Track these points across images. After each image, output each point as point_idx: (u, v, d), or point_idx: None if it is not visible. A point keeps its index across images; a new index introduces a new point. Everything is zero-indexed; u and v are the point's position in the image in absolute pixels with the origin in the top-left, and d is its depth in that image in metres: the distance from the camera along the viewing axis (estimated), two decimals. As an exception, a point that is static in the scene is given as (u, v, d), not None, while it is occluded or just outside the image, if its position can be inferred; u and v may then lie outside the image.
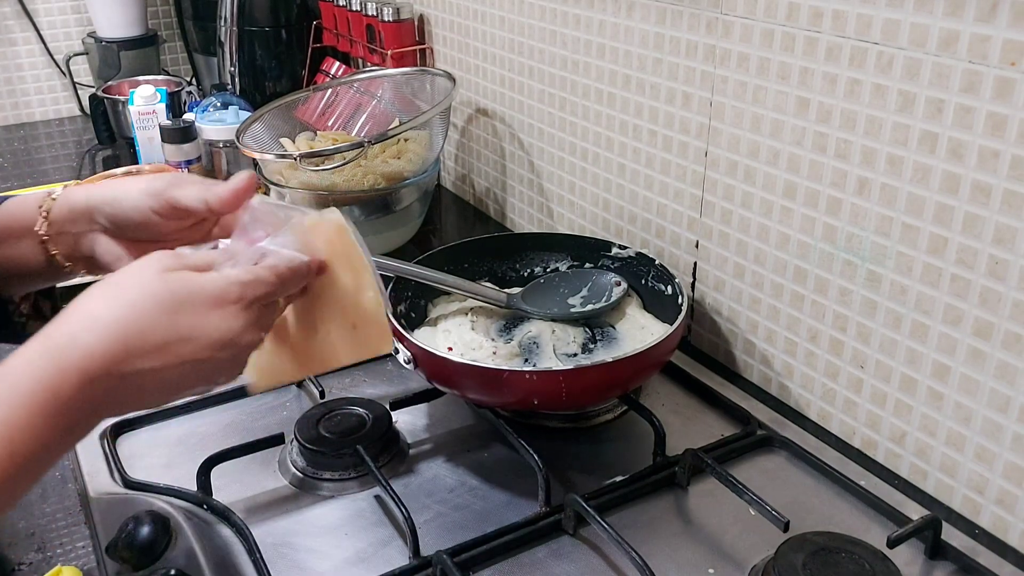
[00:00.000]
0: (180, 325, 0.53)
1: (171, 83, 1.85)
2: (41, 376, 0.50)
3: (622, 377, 0.85)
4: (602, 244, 1.06)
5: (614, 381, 0.85)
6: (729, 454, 0.86)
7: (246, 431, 0.89)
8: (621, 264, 1.04)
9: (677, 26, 0.97)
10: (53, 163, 1.82)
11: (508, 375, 0.82)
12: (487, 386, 0.84)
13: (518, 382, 0.81)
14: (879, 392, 0.84)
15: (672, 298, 0.96)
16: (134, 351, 0.52)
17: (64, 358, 0.51)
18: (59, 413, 0.50)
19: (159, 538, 0.72)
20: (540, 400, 0.83)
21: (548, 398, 0.83)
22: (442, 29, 1.49)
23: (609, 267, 1.05)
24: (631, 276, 1.03)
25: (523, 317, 0.99)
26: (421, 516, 0.79)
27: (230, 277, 0.56)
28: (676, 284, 0.96)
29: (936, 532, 0.74)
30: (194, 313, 0.54)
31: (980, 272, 0.72)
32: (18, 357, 0.51)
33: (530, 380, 0.81)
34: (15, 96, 2.06)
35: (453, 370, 0.84)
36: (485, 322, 0.98)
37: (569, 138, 1.21)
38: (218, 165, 1.59)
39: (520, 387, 0.81)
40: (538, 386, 0.81)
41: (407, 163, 1.28)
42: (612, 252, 1.05)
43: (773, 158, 0.89)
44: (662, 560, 0.73)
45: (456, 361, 0.84)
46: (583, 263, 1.07)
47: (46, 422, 0.49)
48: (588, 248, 1.07)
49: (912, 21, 0.72)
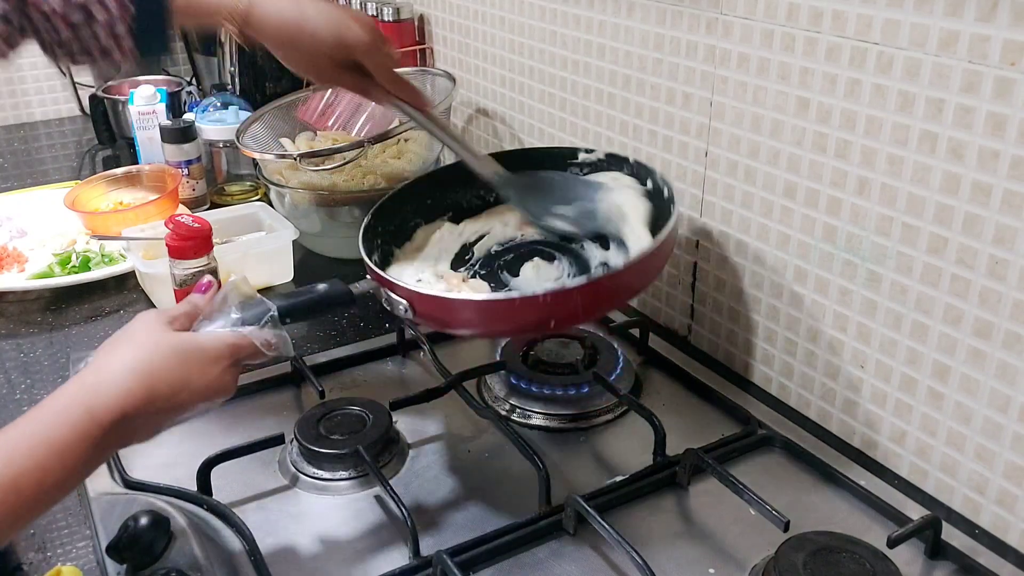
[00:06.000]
0: (186, 374, 0.65)
1: (171, 83, 1.85)
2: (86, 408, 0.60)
3: (640, 279, 0.84)
4: (567, 152, 1.02)
5: (632, 284, 0.84)
6: (729, 454, 0.86)
7: (246, 431, 0.89)
8: (591, 168, 1.01)
9: (677, 26, 0.97)
10: (53, 163, 1.82)
11: (520, 302, 0.79)
12: (498, 318, 0.81)
13: (531, 307, 0.78)
14: (879, 392, 0.84)
15: (656, 192, 0.93)
16: (156, 394, 0.63)
17: (107, 394, 0.61)
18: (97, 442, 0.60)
19: (159, 538, 0.72)
20: (557, 320, 0.81)
21: (564, 316, 0.81)
22: (442, 29, 1.49)
23: (578, 174, 1.01)
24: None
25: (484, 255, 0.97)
26: (421, 516, 0.79)
27: (225, 339, 0.68)
28: (657, 178, 0.94)
29: (936, 532, 0.74)
30: (197, 365, 0.66)
31: (980, 272, 0.72)
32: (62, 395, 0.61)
33: (544, 302, 0.78)
34: (15, 96, 2.06)
35: (459, 308, 0.82)
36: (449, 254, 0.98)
37: (569, 138, 1.21)
38: (218, 165, 1.59)
39: (535, 312, 0.79)
40: (553, 307, 0.78)
41: (407, 163, 1.29)
42: (579, 158, 1.01)
43: (773, 158, 0.89)
44: (662, 560, 0.73)
45: (462, 298, 0.83)
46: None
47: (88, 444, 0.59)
48: (552, 158, 1.02)
49: (912, 21, 0.72)
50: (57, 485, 0.58)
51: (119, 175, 1.48)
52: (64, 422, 0.59)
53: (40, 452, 0.57)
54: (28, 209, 1.43)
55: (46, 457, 0.57)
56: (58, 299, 1.20)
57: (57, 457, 0.58)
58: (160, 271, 1.10)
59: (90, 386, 0.61)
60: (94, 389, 0.61)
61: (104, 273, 1.23)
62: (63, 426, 0.59)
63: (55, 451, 0.58)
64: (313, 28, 0.88)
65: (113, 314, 1.17)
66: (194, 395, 0.65)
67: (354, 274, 0.86)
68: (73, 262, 1.26)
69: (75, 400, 0.60)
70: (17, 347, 1.10)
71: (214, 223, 1.05)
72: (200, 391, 0.66)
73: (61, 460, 0.58)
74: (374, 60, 0.90)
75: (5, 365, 1.06)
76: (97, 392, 0.61)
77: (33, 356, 1.08)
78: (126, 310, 1.18)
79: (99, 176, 1.47)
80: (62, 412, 0.59)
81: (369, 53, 0.90)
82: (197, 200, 1.48)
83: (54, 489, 0.58)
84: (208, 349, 0.67)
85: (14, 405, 0.98)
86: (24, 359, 1.07)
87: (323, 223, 1.28)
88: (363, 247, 0.90)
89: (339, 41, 0.88)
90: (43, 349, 1.09)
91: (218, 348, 0.67)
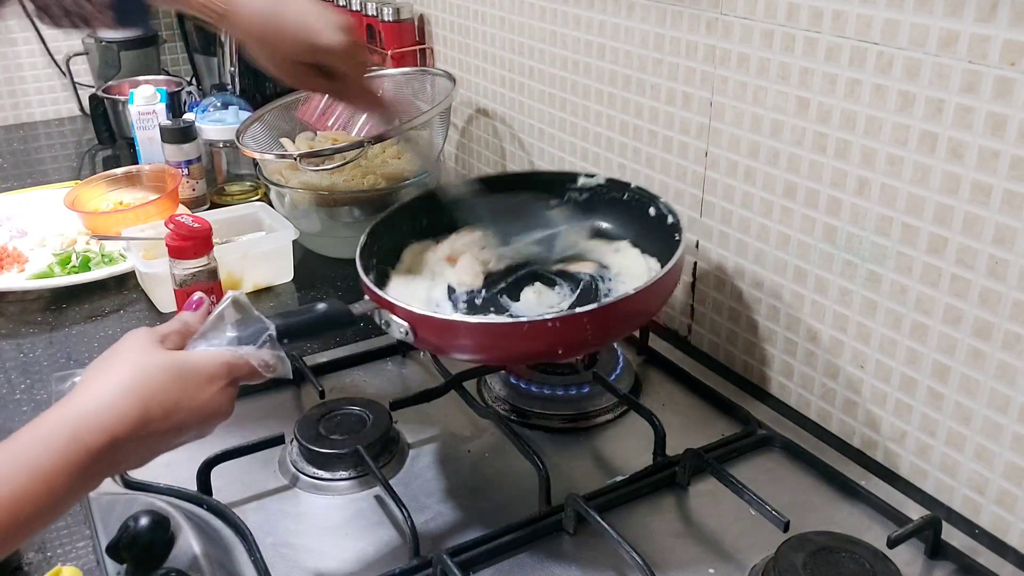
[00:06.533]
0: (181, 394, 0.61)
1: (171, 83, 1.85)
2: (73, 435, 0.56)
3: (646, 307, 0.83)
4: (567, 177, 1.01)
5: (640, 310, 0.83)
6: (729, 454, 0.85)
7: (246, 431, 0.89)
8: (591, 194, 1.00)
9: (677, 26, 0.97)
10: (53, 163, 1.82)
11: (528, 327, 0.77)
12: (504, 343, 0.79)
13: (540, 332, 0.77)
14: (879, 392, 0.84)
15: (658, 220, 0.93)
16: (149, 416, 0.59)
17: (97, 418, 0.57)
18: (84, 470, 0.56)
19: (159, 538, 0.72)
20: (566, 347, 0.79)
21: (572, 342, 0.79)
22: (442, 29, 1.49)
23: (577, 200, 1.01)
24: (606, 205, 0.99)
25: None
26: (421, 516, 0.79)
27: (220, 357, 0.65)
28: (661, 205, 0.94)
29: (936, 532, 0.74)
30: (192, 384, 0.62)
31: (980, 272, 0.72)
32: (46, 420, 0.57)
33: (553, 327, 0.77)
34: (15, 96, 2.06)
35: (462, 332, 0.80)
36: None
37: (569, 139, 1.21)
38: (218, 165, 1.59)
39: (543, 337, 0.77)
40: (562, 332, 0.77)
41: (407, 163, 1.29)
42: (579, 183, 1.01)
43: (773, 158, 0.89)
44: (662, 560, 0.73)
45: (466, 322, 0.81)
46: (549, 199, 1.01)
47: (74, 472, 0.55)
48: (551, 183, 1.02)
49: (912, 21, 0.72)
50: (39, 514, 0.54)
51: (119, 175, 1.48)
52: (49, 449, 0.55)
53: (22, 479, 0.53)
54: (28, 209, 1.43)
55: (29, 484, 0.53)
56: (58, 299, 1.20)
57: (42, 485, 0.54)
58: (160, 271, 1.10)
59: (77, 410, 0.58)
60: (82, 413, 0.57)
61: (104, 273, 1.23)
62: (48, 453, 0.55)
63: (39, 479, 0.54)
64: (287, 27, 0.86)
65: (113, 314, 1.17)
66: (189, 417, 0.62)
67: (354, 274, 0.86)
68: (73, 262, 1.26)
69: (61, 425, 0.56)
70: (17, 347, 1.10)
71: (214, 223, 1.05)
72: (195, 412, 0.62)
73: (47, 488, 0.54)
74: (346, 66, 0.88)
75: (5, 365, 1.06)
76: (85, 416, 0.57)
77: (33, 356, 1.08)
78: (126, 310, 1.18)
79: (99, 176, 1.47)
80: (47, 438, 0.55)
81: (342, 58, 0.87)
82: (197, 200, 1.48)
83: (35, 519, 0.54)
84: (203, 368, 0.63)
85: (14, 405, 0.98)
86: (24, 359, 1.07)
87: (323, 223, 1.28)
88: (360, 266, 0.87)
89: (312, 43, 0.86)
90: (43, 349, 1.09)
91: (214, 367, 0.64)
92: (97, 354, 0.64)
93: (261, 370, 0.67)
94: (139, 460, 0.62)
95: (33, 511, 0.54)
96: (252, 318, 0.69)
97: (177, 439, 0.63)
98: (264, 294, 1.21)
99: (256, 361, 0.67)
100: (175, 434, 0.62)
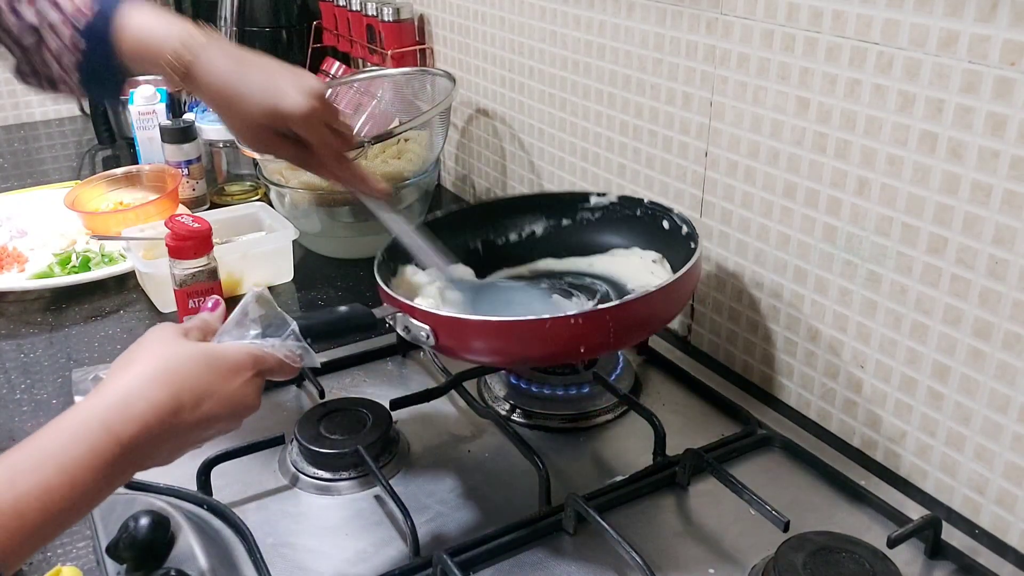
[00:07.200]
0: (211, 382, 0.61)
1: (171, 83, 1.85)
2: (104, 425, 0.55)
3: (668, 308, 0.84)
4: (578, 196, 1.02)
5: (659, 312, 0.84)
6: (729, 454, 0.86)
7: (246, 431, 0.88)
8: (603, 213, 1.01)
9: (677, 26, 0.97)
10: (53, 163, 1.82)
11: (551, 323, 0.77)
12: (526, 341, 0.78)
13: (563, 329, 0.77)
14: (879, 392, 0.84)
15: (673, 232, 0.94)
16: (181, 404, 0.59)
17: (129, 407, 0.57)
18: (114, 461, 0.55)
19: (159, 538, 0.72)
20: (588, 346, 0.79)
21: (594, 341, 0.79)
22: (442, 29, 1.49)
23: (590, 219, 1.02)
24: (619, 223, 1.00)
25: None
26: (421, 516, 0.79)
27: (247, 349, 0.65)
28: (675, 216, 0.95)
29: (936, 532, 0.74)
30: (221, 373, 0.62)
31: (980, 272, 0.72)
32: (76, 412, 0.56)
33: (575, 324, 0.77)
34: (15, 96, 2.06)
35: (484, 330, 0.79)
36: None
37: (569, 138, 1.21)
38: (218, 165, 1.59)
39: (566, 334, 0.77)
40: (584, 330, 0.77)
41: (407, 163, 1.28)
42: (591, 203, 1.02)
43: (773, 158, 0.89)
44: (662, 560, 0.73)
45: (488, 320, 0.79)
46: (560, 220, 1.04)
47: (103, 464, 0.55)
48: (562, 203, 1.03)
49: (912, 21, 0.72)
50: (67, 509, 0.52)
51: (119, 175, 1.48)
52: (78, 440, 0.54)
53: (48, 471, 0.52)
54: (28, 209, 1.43)
55: (54, 477, 0.52)
56: (58, 299, 1.20)
57: (67, 478, 0.52)
58: (160, 271, 1.10)
59: (106, 401, 0.56)
60: (112, 404, 0.56)
61: (104, 273, 1.23)
62: (77, 444, 0.54)
63: (66, 471, 0.52)
64: (251, 88, 0.82)
65: (113, 314, 1.17)
66: (218, 407, 0.61)
67: (354, 274, 0.86)
68: (73, 262, 1.26)
69: (90, 417, 0.55)
70: (17, 347, 1.10)
71: (214, 223, 1.06)
72: (224, 402, 0.61)
73: (71, 481, 0.52)
74: (312, 133, 0.84)
75: (5, 365, 1.06)
76: (115, 407, 0.56)
77: (33, 356, 1.08)
78: (126, 310, 1.18)
79: (99, 176, 1.47)
80: (76, 429, 0.54)
81: (305, 124, 0.83)
82: (197, 200, 1.48)
83: (62, 514, 0.52)
84: (231, 358, 0.63)
85: (14, 405, 0.98)
86: (24, 359, 1.07)
87: (323, 223, 1.28)
88: (378, 275, 0.87)
89: (273, 106, 0.81)
90: (43, 349, 1.09)
91: (241, 357, 0.63)
92: (97, 354, 0.64)
93: (288, 361, 0.67)
94: (168, 455, 0.60)
95: (63, 506, 0.52)
96: (275, 314, 0.69)
97: (206, 431, 0.62)
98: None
99: (282, 353, 0.67)
100: (205, 425, 0.61)
